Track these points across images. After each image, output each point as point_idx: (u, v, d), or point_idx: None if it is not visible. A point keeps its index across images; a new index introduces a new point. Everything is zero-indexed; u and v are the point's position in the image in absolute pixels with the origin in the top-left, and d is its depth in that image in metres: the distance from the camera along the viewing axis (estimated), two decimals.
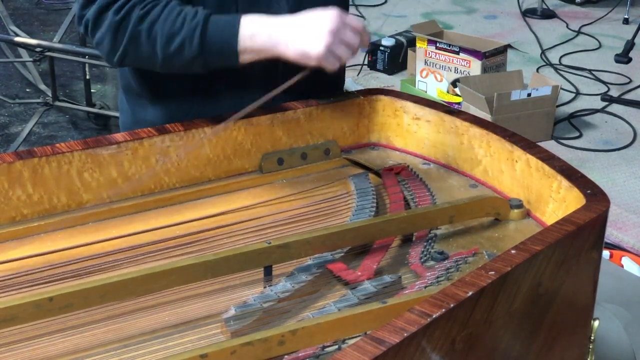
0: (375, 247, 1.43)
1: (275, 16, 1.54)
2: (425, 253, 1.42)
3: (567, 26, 5.24)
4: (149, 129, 1.58)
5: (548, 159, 1.51)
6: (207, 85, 1.66)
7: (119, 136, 1.55)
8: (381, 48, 4.44)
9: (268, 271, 1.35)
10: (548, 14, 5.42)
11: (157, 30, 1.52)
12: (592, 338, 1.40)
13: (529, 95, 3.64)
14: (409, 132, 1.75)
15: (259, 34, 1.52)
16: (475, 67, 3.89)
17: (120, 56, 1.56)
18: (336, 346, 1.18)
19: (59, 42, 3.99)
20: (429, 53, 4.02)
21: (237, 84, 1.66)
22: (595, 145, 3.77)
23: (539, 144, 1.59)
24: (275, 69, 1.64)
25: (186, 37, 1.52)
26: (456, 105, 3.82)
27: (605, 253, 2.84)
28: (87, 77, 4.02)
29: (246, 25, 1.52)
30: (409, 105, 1.74)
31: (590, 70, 4.54)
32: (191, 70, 1.57)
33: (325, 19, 1.50)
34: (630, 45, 4.64)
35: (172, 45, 1.52)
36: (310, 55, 1.50)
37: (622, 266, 2.78)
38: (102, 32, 1.55)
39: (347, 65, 1.73)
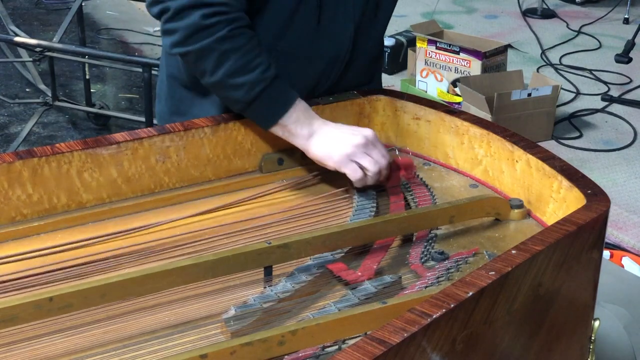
0: (375, 247, 1.43)
1: (323, 120, 1.59)
2: (425, 253, 1.42)
3: (567, 26, 5.25)
4: (148, 129, 1.58)
5: (548, 159, 1.51)
6: None
7: (118, 136, 1.55)
8: None
9: (268, 271, 1.34)
10: (548, 14, 5.42)
11: (231, 59, 1.53)
12: (592, 338, 1.40)
13: (529, 95, 3.64)
14: (409, 132, 1.75)
15: (302, 122, 1.56)
16: (475, 67, 3.89)
17: (181, 53, 1.56)
18: (336, 346, 1.18)
19: (59, 42, 3.99)
20: (429, 53, 4.02)
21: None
22: (596, 145, 3.77)
23: (539, 144, 1.59)
24: (327, 78, 1.71)
25: (249, 83, 1.54)
26: (456, 105, 3.82)
27: (606, 253, 2.84)
28: (87, 77, 4.03)
29: (297, 108, 1.57)
30: (409, 105, 1.74)
31: (590, 70, 4.54)
32: (228, 103, 1.62)
33: (356, 131, 1.56)
34: (630, 45, 4.64)
35: (234, 79, 1.54)
36: (332, 156, 1.55)
37: (623, 266, 2.79)
38: (179, 25, 1.53)
39: None
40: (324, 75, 1.71)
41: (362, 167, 1.54)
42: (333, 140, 1.55)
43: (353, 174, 1.54)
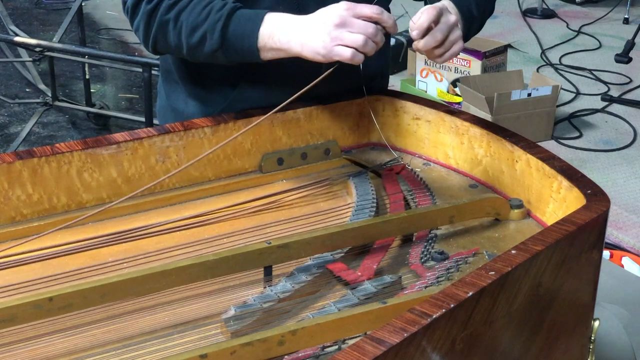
0: (375, 247, 1.43)
1: (296, 16, 1.50)
2: (425, 253, 1.42)
3: (567, 26, 5.25)
4: (148, 129, 1.58)
5: (548, 159, 1.51)
6: (241, 80, 1.67)
7: (118, 136, 1.55)
8: None
9: (268, 271, 1.34)
10: (548, 14, 5.42)
11: (183, 20, 1.54)
12: (592, 338, 1.40)
13: (529, 95, 3.64)
14: (409, 132, 1.75)
15: (277, 33, 1.49)
16: (475, 67, 3.89)
17: (152, 44, 1.60)
18: (336, 346, 1.18)
19: (59, 42, 3.99)
20: None
21: (272, 80, 1.65)
22: (596, 145, 3.77)
23: (539, 144, 1.59)
24: (309, 64, 1.64)
25: (208, 30, 1.52)
26: (456, 105, 3.82)
27: (606, 253, 2.84)
28: (87, 77, 4.03)
29: (268, 23, 1.50)
30: (409, 105, 1.74)
31: (590, 70, 4.54)
32: (216, 61, 1.58)
33: (328, 12, 1.46)
34: (630, 45, 4.64)
35: (195, 36, 1.53)
36: (318, 51, 1.46)
37: (622, 266, 2.78)
38: (138, 20, 1.59)
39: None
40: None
41: (353, 47, 1.43)
42: (310, 33, 1.46)
43: (349, 58, 1.44)
